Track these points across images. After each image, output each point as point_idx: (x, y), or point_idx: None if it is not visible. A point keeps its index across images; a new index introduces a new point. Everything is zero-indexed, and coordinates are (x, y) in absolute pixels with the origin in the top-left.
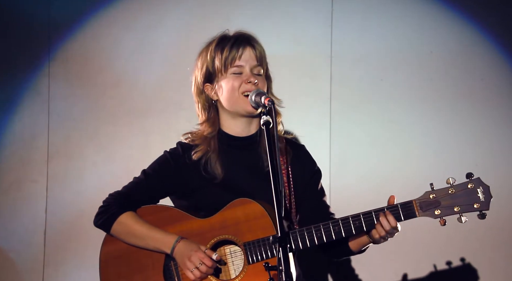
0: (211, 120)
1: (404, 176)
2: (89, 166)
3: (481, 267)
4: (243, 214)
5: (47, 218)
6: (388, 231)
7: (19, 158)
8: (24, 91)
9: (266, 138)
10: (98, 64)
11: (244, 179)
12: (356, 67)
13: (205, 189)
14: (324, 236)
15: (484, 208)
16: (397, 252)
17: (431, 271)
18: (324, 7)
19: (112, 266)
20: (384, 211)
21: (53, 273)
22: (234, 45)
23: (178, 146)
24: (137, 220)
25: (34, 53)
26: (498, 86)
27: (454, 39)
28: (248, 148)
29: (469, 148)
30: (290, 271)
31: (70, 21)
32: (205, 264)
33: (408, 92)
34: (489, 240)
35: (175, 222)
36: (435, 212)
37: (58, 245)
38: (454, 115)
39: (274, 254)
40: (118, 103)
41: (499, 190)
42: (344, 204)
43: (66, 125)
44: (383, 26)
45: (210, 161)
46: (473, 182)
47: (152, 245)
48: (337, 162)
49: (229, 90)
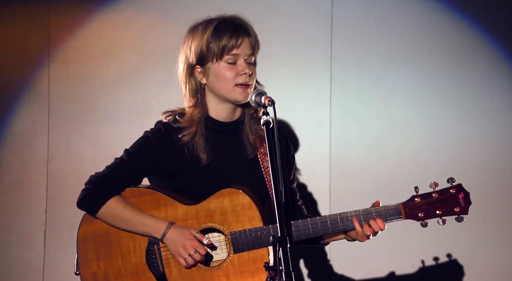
0: (200, 104)
1: (404, 176)
2: (89, 166)
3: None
4: (230, 204)
5: (47, 218)
6: (375, 233)
7: (19, 158)
8: (24, 91)
9: (266, 138)
10: (98, 64)
11: (227, 164)
12: (356, 67)
13: (188, 172)
14: (303, 235)
15: (463, 212)
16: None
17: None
18: (324, 7)
19: (90, 246)
20: (372, 214)
21: (53, 273)
22: (234, 33)
23: (161, 126)
24: (125, 204)
25: (34, 53)
26: (498, 86)
27: (454, 39)
28: (232, 133)
29: (469, 148)
30: (290, 271)
31: (70, 21)
32: (199, 252)
33: (408, 92)
34: (485, 239)
35: (160, 207)
36: (419, 215)
37: (58, 245)
38: (454, 115)
39: (260, 245)
40: (118, 103)
41: (499, 190)
42: (344, 204)
43: (66, 125)
44: (383, 26)
45: (196, 145)
46: (455, 187)
47: (141, 230)
48: (337, 162)
49: (223, 80)
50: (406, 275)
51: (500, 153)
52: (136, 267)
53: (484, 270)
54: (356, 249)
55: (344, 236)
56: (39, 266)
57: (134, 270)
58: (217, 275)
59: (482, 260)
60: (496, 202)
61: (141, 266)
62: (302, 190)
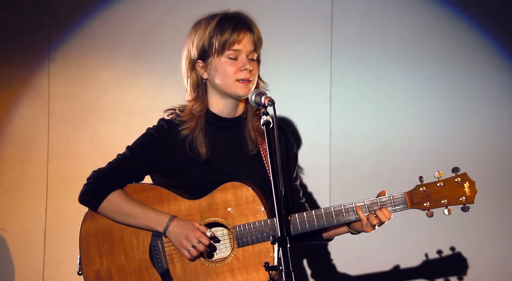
0: (200, 98)
1: (404, 176)
2: (89, 166)
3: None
4: (234, 198)
5: (47, 218)
6: (381, 223)
7: (19, 158)
8: (24, 91)
9: (266, 138)
10: (98, 64)
11: (228, 160)
12: (356, 67)
13: (189, 168)
14: (308, 227)
15: (469, 202)
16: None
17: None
18: (324, 7)
19: (93, 243)
20: (377, 204)
21: (53, 273)
22: (236, 28)
23: (163, 123)
24: (127, 198)
25: (34, 53)
26: (498, 86)
27: (454, 39)
28: (234, 129)
29: (469, 148)
30: (290, 271)
31: (70, 21)
32: (202, 243)
33: (408, 92)
34: (486, 234)
35: (163, 202)
36: (425, 204)
37: (58, 245)
38: (454, 115)
39: (264, 238)
40: (118, 103)
41: (499, 190)
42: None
43: (66, 125)
44: (383, 26)
45: (196, 140)
46: (460, 176)
47: (143, 223)
48: (337, 162)
49: (224, 75)
50: (407, 274)
51: (500, 153)
52: (140, 263)
53: (487, 268)
54: (357, 248)
55: (347, 229)
56: (39, 266)
57: (137, 266)
58: (221, 270)
59: (485, 259)
60: (496, 202)
61: (145, 262)
62: (302, 190)
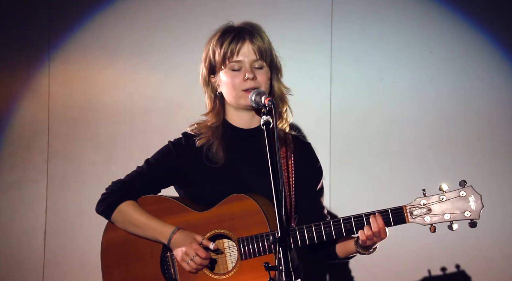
0: (215, 111)
1: (403, 176)
2: (89, 166)
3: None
4: (239, 210)
5: (47, 218)
6: (374, 233)
7: (19, 158)
8: (24, 91)
9: (266, 138)
10: (98, 64)
11: (244, 170)
12: (356, 67)
13: (205, 180)
14: (315, 237)
15: (474, 217)
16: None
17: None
18: (324, 7)
19: (112, 253)
20: (374, 214)
21: (53, 273)
22: (233, 40)
23: (182, 137)
24: (137, 209)
25: (34, 53)
26: (498, 86)
27: (454, 39)
28: (251, 140)
29: (469, 148)
30: (290, 271)
31: (70, 21)
32: (199, 255)
33: (408, 92)
34: (486, 247)
35: (173, 214)
36: (425, 219)
37: (58, 245)
38: (454, 115)
39: (266, 251)
40: (118, 103)
41: (499, 192)
42: (344, 204)
43: (66, 125)
44: (383, 26)
45: (212, 147)
46: (466, 190)
47: (149, 234)
48: (337, 162)
49: (229, 87)
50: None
51: (500, 154)
52: (152, 274)
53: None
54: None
55: (355, 249)
56: (39, 266)
57: (149, 277)
58: None
59: (478, 268)
60: (496, 202)
61: (156, 273)
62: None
